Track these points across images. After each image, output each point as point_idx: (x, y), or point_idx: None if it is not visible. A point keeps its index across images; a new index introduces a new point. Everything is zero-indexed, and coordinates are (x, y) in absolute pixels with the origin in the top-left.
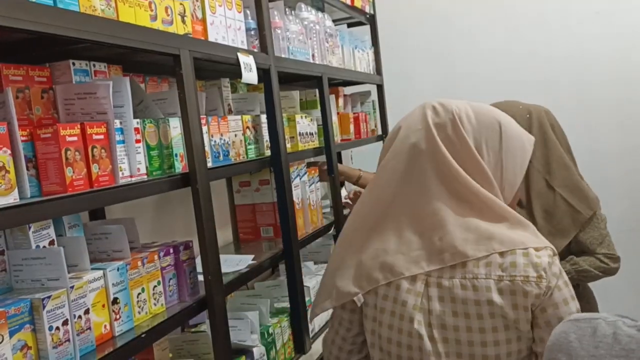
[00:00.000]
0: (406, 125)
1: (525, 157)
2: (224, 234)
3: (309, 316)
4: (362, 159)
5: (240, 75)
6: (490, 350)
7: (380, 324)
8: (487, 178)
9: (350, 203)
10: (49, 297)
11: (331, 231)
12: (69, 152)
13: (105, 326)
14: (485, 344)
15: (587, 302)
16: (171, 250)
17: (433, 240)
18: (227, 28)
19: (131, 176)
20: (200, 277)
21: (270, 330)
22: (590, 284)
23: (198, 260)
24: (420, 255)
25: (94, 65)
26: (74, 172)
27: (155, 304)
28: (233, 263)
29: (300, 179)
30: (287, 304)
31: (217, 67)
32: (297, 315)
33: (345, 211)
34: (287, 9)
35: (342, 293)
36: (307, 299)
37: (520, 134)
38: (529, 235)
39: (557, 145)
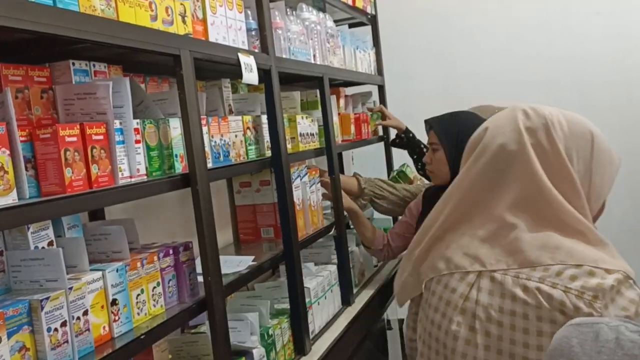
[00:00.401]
0: (494, 126)
1: (614, 170)
2: (224, 235)
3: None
4: (363, 160)
5: (240, 76)
6: (532, 354)
7: (429, 305)
8: (574, 187)
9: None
10: (47, 298)
11: (332, 232)
12: (68, 153)
13: (104, 327)
14: (527, 345)
15: None
16: (171, 251)
17: (502, 243)
18: (228, 28)
19: (131, 177)
20: (200, 278)
21: (270, 332)
22: None
23: (198, 261)
24: (485, 254)
25: (94, 66)
26: (73, 173)
27: (154, 305)
28: (233, 264)
29: (300, 179)
30: (287, 305)
31: (218, 67)
32: (297, 317)
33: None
34: (288, 9)
35: (409, 289)
36: (307, 300)
37: (609, 147)
38: (605, 255)
39: None
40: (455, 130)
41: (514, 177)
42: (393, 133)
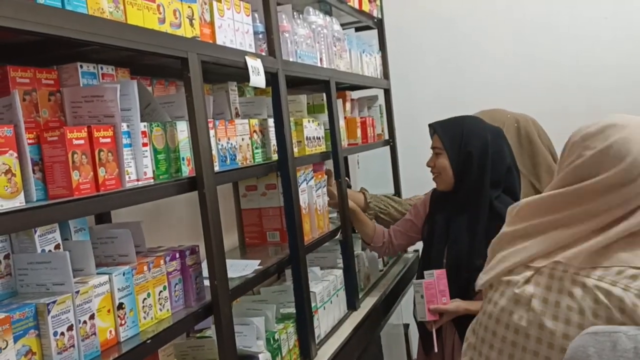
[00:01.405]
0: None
1: None
2: (230, 239)
3: None
4: (368, 164)
5: (247, 79)
6: None
7: (489, 300)
8: None
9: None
10: (54, 302)
11: (337, 236)
12: (75, 156)
13: (110, 331)
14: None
15: None
16: (177, 255)
17: (578, 245)
18: (235, 31)
19: (138, 180)
20: (206, 282)
21: (276, 336)
22: None
23: (204, 265)
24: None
25: (102, 68)
26: (80, 176)
27: (160, 309)
28: (239, 268)
29: (307, 183)
30: (293, 310)
31: (225, 70)
32: (303, 321)
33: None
34: (295, 13)
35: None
36: (313, 304)
37: None
38: None
39: (544, 151)
40: (459, 134)
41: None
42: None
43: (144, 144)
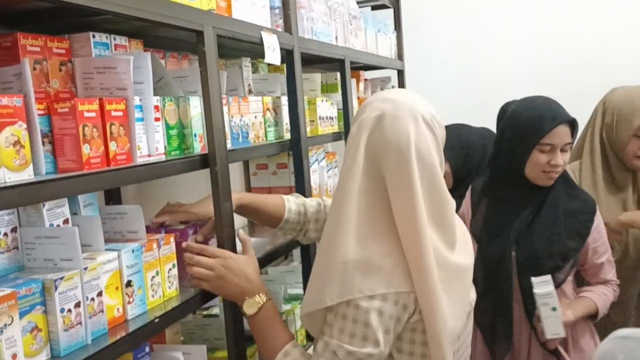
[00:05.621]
0: None
1: None
2: (239, 217)
3: None
4: None
5: (262, 55)
6: None
7: None
8: None
9: None
10: (61, 278)
11: None
12: (86, 129)
13: (118, 309)
14: None
15: None
16: (190, 232)
17: None
18: (252, 6)
19: (149, 155)
20: None
21: (283, 317)
22: None
23: (213, 242)
24: None
25: (115, 39)
26: (90, 150)
27: (169, 288)
28: None
29: (318, 163)
30: (300, 291)
31: (239, 45)
32: None
33: None
34: None
35: None
36: None
37: None
38: None
39: None
40: None
41: None
42: None
43: (156, 119)
